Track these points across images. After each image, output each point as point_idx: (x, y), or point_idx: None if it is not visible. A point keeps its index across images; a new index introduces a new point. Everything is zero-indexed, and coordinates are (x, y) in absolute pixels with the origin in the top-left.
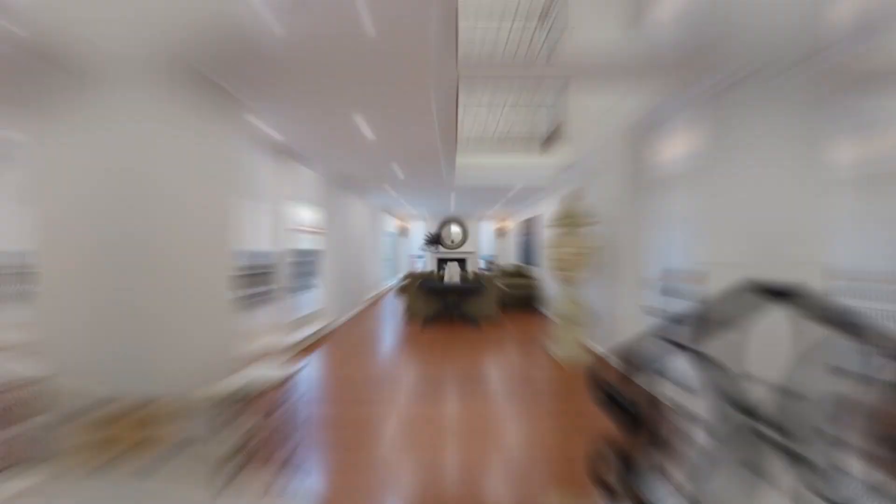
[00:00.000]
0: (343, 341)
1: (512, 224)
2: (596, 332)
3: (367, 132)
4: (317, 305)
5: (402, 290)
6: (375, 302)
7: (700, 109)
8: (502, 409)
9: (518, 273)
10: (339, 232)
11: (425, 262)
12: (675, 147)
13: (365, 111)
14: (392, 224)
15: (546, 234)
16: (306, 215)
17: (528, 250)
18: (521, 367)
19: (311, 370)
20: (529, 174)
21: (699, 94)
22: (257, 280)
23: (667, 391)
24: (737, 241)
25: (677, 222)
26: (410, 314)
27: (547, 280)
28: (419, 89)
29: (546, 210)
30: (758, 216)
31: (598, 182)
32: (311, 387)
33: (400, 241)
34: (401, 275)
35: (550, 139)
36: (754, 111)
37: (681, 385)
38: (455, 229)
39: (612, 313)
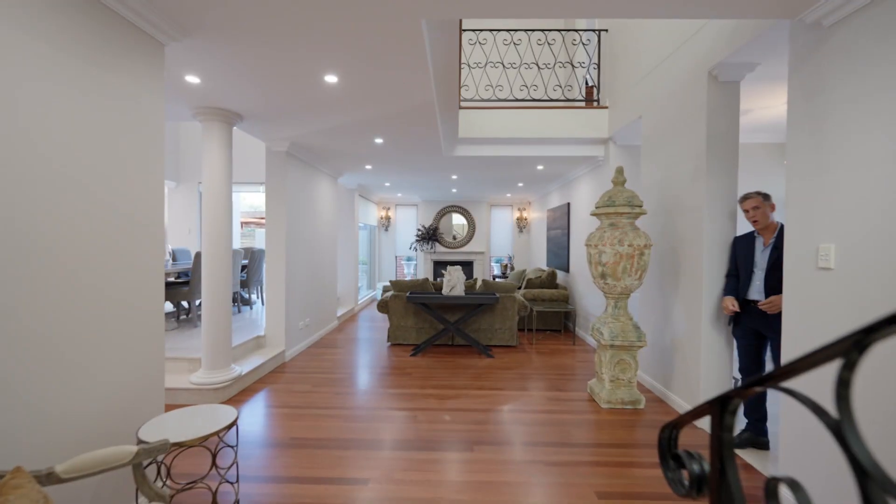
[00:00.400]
0: (297, 382)
1: (537, 214)
2: (655, 364)
3: (331, 77)
4: (255, 330)
5: (384, 305)
6: (349, 320)
7: (822, 41)
8: (524, 487)
9: (546, 281)
10: (293, 224)
11: (416, 267)
12: (777, 100)
13: (328, 46)
14: (372, 213)
15: (582, 228)
16: (245, 200)
17: (559, 249)
18: (551, 419)
19: (244, 428)
20: (561, 140)
21: (820, 19)
22: (167, 294)
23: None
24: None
25: (790, 207)
26: (395, 338)
27: (584, 291)
28: (405, 11)
29: (583, 194)
30: None
31: (656, 155)
32: (242, 456)
33: (383, 236)
34: (384, 284)
35: (588, 100)
36: None
37: None
38: (458, 220)
39: (678, 338)
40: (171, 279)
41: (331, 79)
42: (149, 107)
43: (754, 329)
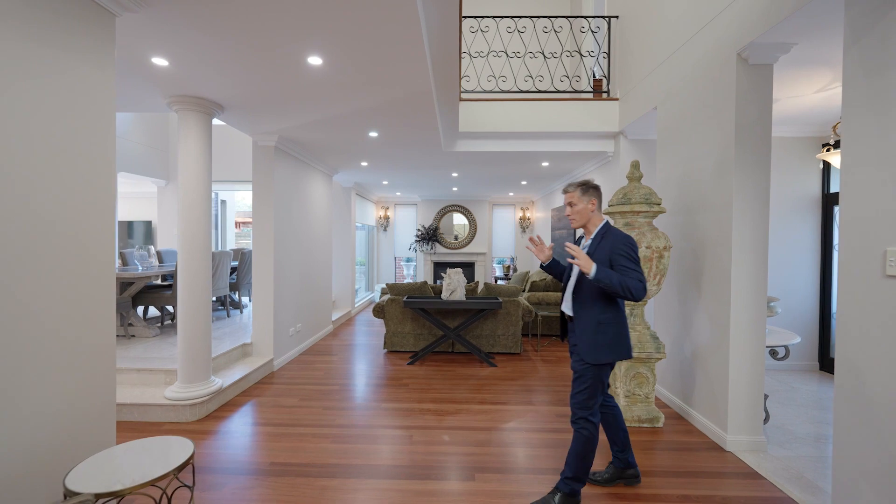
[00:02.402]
0: (284, 395)
1: (541, 213)
2: (674, 377)
3: (315, 58)
4: (243, 337)
5: (380, 309)
6: (346, 324)
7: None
8: None
9: (551, 283)
10: (282, 223)
11: (416, 268)
12: (809, 87)
13: (310, 21)
14: (370, 213)
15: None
16: (244, 200)
17: (565, 250)
18: (560, 440)
19: (224, 450)
20: (568, 134)
21: None
22: (138, 301)
23: None
24: None
25: (846, 204)
26: (392, 345)
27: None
28: None
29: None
30: None
31: (674, 149)
32: (210, 486)
33: (381, 237)
34: (382, 286)
35: (596, 91)
36: None
37: None
38: (459, 220)
39: (700, 349)
40: (156, 282)
41: (315, 60)
42: (96, 87)
43: (574, 343)
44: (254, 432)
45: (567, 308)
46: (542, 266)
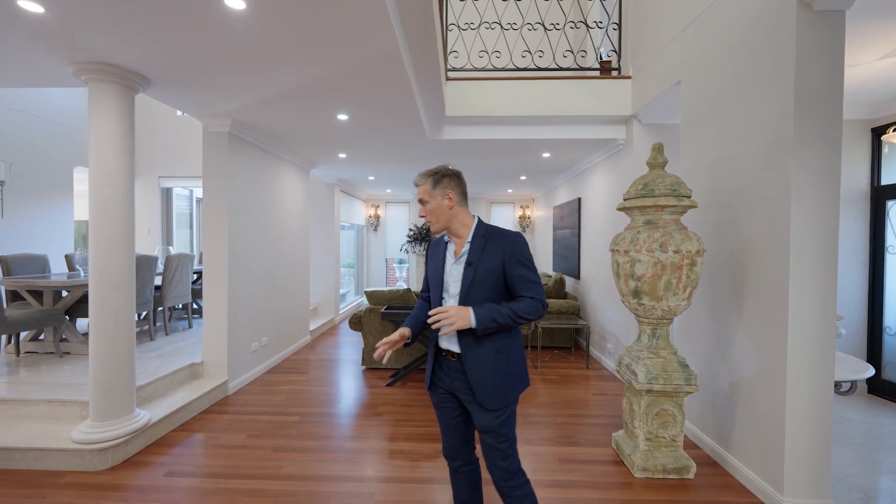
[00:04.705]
0: (231, 429)
1: (542, 212)
2: (706, 412)
3: (236, 1)
4: (195, 355)
5: (357, 321)
6: (328, 333)
7: None
8: None
9: (553, 290)
10: (241, 223)
11: (408, 270)
12: (875, 53)
13: None
14: (358, 211)
15: (596, 228)
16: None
17: (568, 252)
18: (566, 499)
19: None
20: (572, 119)
21: None
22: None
23: None
24: None
25: None
26: (370, 362)
27: (599, 302)
28: None
29: (598, 188)
30: None
31: (704, 130)
32: None
33: (371, 237)
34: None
35: (605, 69)
36: None
37: None
38: None
39: (743, 381)
40: None
41: (235, 3)
42: None
43: (450, 391)
44: (175, 487)
45: (450, 343)
46: (406, 345)
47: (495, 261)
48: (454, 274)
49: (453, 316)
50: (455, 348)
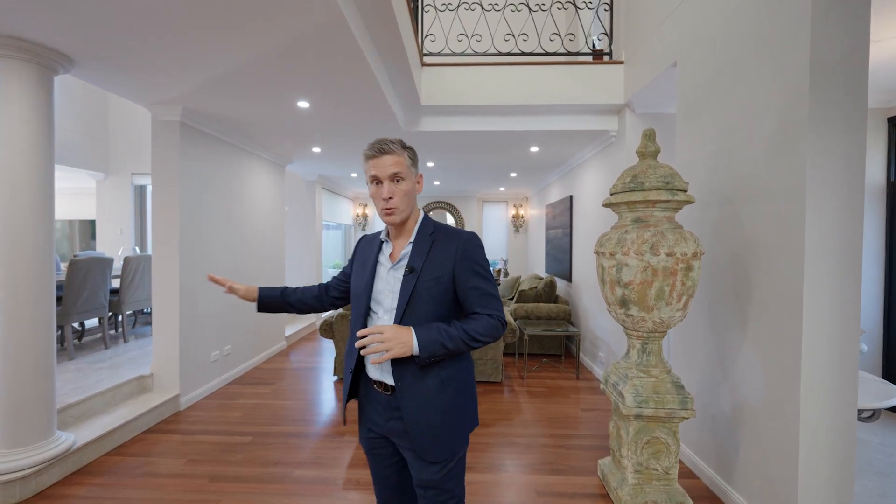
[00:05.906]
0: (170, 452)
1: (535, 211)
2: (704, 437)
3: None
4: (140, 367)
5: (328, 327)
6: (306, 339)
7: None
8: None
9: (542, 293)
10: (198, 221)
11: None
12: None
13: None
14: (345, 210)
15: (588, 227)
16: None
17: (560, 253)
18: None
19: None
20: (561, 108)
21: None
22: None
23: None
24: None
25: None
26: (342, 373)
27: (590, 307)
28: None
29: (590, 184)
30: None
31: (704, 116)
32: None
33: (360, 237)
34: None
35: (596, 54)
36: None
37: None
38: (446, 219)
39: (748, 404)
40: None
41: None
42: None
43: (382, 434)
44: (147, 494)
45: (382, 374)
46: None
47: (443, 268)
48: (390, 282)
49: (390, 340)
50: (388, 379)
